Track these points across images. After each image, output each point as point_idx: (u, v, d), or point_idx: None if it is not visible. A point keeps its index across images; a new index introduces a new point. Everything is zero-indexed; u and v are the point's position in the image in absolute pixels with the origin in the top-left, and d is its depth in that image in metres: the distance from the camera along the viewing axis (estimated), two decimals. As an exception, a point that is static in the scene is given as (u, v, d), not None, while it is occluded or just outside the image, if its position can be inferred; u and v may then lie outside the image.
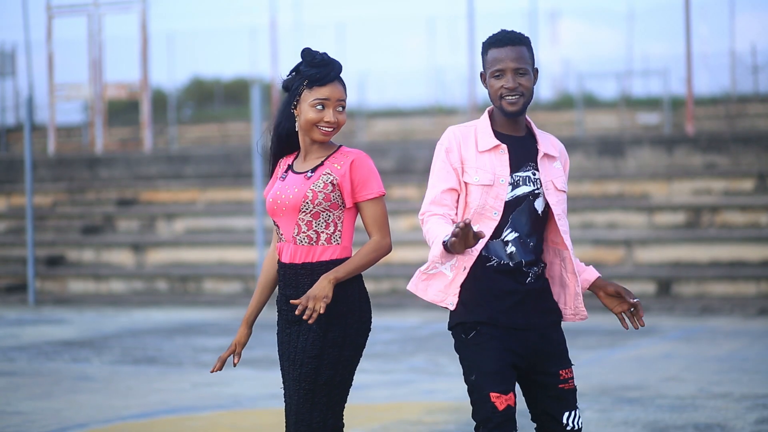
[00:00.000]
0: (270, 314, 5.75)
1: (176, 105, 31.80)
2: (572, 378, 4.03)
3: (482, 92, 24.30)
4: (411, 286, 4.06)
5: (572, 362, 4.08)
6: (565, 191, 4.10)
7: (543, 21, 32.14)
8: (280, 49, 26.12)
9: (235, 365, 4.25)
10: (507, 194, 3.97)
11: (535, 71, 4.06)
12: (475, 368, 3.93)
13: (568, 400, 4.01)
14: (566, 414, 4.00)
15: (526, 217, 4.00)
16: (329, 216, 4.10)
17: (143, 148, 22.03)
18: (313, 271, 4.09)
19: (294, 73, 4.16)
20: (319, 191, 4.07)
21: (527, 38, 4.08)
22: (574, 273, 4.08)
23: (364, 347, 4.14)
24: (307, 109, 4.10)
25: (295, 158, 4.23)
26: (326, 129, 4.10)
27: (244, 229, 17.71)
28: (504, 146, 4.00)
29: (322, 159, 4.15)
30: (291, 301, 4.03)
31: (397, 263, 16.09)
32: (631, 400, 7.88)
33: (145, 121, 21.92)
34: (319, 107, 4.09)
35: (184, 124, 32.93)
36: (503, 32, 4.06)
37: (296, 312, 3.97)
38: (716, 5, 27.86)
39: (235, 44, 34.44)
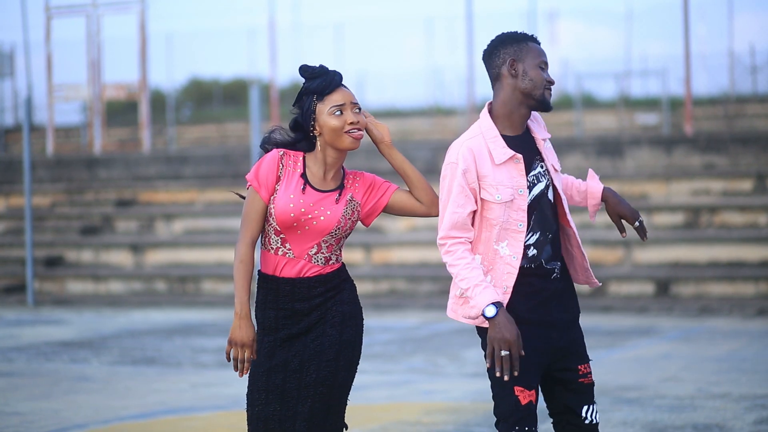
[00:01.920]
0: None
1: (175, 105, 31.78)
2: (590, 373, 4.11)
3: (481, 92, 24.28)
4: (451, 314, 4.10)
5: (590, 358, 4.13)
6: (559, 169, 4.15)
7: (541, 21, 32.09)
8: (279, 50, 26.15)
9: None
10: (527, 201, 3.99)
11: None
12: None
13: (587, 394, 4.08)
14: (585, 408, 4.07)
15: (545, 212, 4.03)
16: (345, 239, 4.17)
17: (142, 148, 22.02)
18: (327, 279, 4.11)
19: (298, 101, 4.13)
20: (349, 218, 4.10)
21: None
22: (579, 247, 4.12)
23: None
24: (327, 120, 4.07)
25: (303, 166, 4.13)
26: (355, 131, 4.09)
27: (242, 230, 17.69)
28: (519, 156, 4.00)
29: (341, 179, 4.15)
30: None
31: (395, 264, 16.09)
32: (630, 400, 7.88)
33: (144, 122, 21.92)
34: (338, 113, 4.07)
35: (182, 125, 32.90)
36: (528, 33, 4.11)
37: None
38: (715, 5, 27.89)
39: (233, 45, 34.43)
